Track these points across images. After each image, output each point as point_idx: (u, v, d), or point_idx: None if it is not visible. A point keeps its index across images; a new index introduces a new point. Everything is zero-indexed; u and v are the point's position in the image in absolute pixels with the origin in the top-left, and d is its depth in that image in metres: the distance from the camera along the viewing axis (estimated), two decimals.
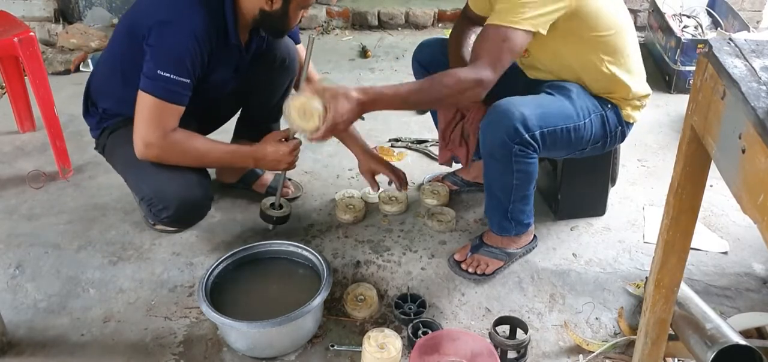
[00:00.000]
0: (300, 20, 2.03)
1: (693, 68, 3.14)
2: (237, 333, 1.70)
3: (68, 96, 3.20)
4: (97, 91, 2.14)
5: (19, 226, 2.29)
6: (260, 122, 2.32)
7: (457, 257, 2.07)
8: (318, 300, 1.71)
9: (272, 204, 2.20)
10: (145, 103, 1.89)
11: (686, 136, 1.21)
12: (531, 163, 1.87)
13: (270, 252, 1.97)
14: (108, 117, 2.13)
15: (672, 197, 1.28)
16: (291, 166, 2.08)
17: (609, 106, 1.97)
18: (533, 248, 2.12)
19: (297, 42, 2.27)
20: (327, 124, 1.64)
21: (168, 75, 1.85)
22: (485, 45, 1.76)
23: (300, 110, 1.65)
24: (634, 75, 1.96)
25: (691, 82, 3.13)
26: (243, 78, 2.15)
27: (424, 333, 1.73)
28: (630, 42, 1.95)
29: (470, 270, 2.02)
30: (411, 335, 1.74)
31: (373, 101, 1.68)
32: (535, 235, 2.13)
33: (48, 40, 3.95)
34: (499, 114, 1.81)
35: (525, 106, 1.80)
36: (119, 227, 2.27)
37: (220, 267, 1.87)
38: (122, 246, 2.18)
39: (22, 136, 2.93)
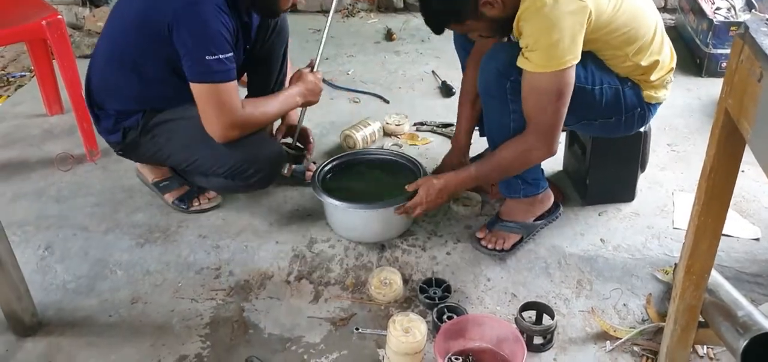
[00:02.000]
0: (292, 3, 2.06)
1: (726, 51, 3.10)
2: (343, 213, 2.04)
3: None
4: (105, 93, 2.10)
5: (48, 208, 2.32)
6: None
7: (478, 234, 2.07)
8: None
9: (289, 145, 2.33)
10: (204, 93, 1.90)
11: (720, 119, 1.18)
12: None
13: (372, 158, 2.32)
14: (125, 116, 2.10)
15: (704, 182, 1.25)
16: (318, 96, 2.23)
17: (629, 84, 1.93)
18: (553, 220, 2.11)
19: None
20: (415, 204, 1.98)
21: (215, 56, 1.86)
22: (532, 101, 1.77)
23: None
24: (659, 57, 1.91)
25: (723, 65, 3.11)
26: (247, 56, 2.18)
27: (449, 318, 1.72)
28: (652, 26, 1.89)
29: (489, 246, 2.02)
30: (436, 319, 1.73)
31: (449, 184, 1.98)
32: (556, 203, 2.11)
33: (75, 23, 3.98)
34: (496, 50, 1.83)
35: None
36: (146, 210, 2.29)
37: (329, 166, 2.22)
38: (149, 229, 2.19)
39: (50, 118, 2.96)
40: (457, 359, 1.62)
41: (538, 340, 1.69)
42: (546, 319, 1.73)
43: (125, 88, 2.05)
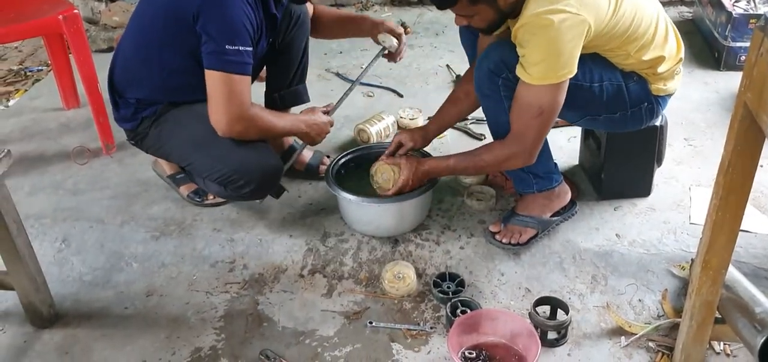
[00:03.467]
0: None
1: (745, 44, 3.06)
2: (356, 208, 2.06)
3: None
4: (127, 82, 2.09)
5: (65, 201, 2.34)
6: (283, 87, 2.35)
7: (492, 228, 2.07)
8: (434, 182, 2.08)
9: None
10: (218, 81, 1.88)
11: (738, 113, 1.17)
12: None
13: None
14: (144, 106, 2.09)
15: (722, 176, 1.24)
16: (322, 137, 2.23)
17: (634, 79, 1.90)
18: (570, 216, 2.10)
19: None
20: (397, 187, 1.99)
21: (235, 47, 1.86)
22: (523, 111, 1.78)
23: (381, 173, 2.03)
24: (663, 52, 1.88)
25: (742, 58, 3.07)
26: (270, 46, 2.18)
27: (463, 312, 1.72)
28: (652, 23, 1.85)
29: (504, 240, 2.01)
30: (449, 314, 1.73)
31: (431, 170, 2.01)
32: (573, 201, 2.11)
33: (91, 17, 4.01)
34: (488, 51, 1.83)
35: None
36: (161, 203, 2.31)
37: (343, 160, 2.23)
38: (164, 222, 2.21)
39: (67, 112, 2.99)
40: (470, 354, 1.62)
41: (552, 335, 1.69)
42: (560, 314, 1.72)
43: (148, 77, 2.05)
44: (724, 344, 1.65)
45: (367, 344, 1.71)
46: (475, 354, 1.62)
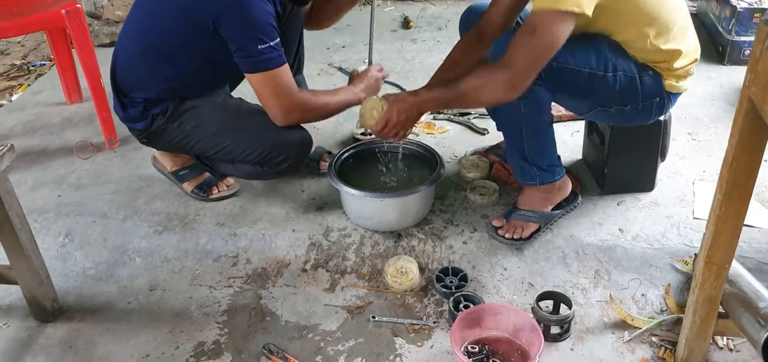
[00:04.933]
0: None
1: (749, 38, 3.05)
2: (359, 202, 2.05)
3: None
4: (133, 83, 2.09)
5: (68, 196, 2.34)
6: None
7: (495, 223, 2.06)
8: (435, 176, 2.09)
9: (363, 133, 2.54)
10: (262, 81, 1.95)
11: (743, 107, 1.17)
12: (536, 90, 1.79)
13: (388, 147, 2.28)
14: (153, 104, 2.09)
15: (726, 171, 1.24)
16: (379, 85, 2.30)
17: (650, 72, 1.88)
18: (572, 209, 2.09)
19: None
20: (383, 119, 1.88)
21: (266, 45, 1.89)
22: (514, 38, 1.69)
23: (370, 109, 1.92)
24: (681, 46, 1.86)
25: (746, 52, 3.06)
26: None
27: (466, 307, 1.72)
28: (675, 10, 1.84)
29: (507, 235, 2.01)
30: (452, 309, 1.73)
31: (424, 102, 1.88)
32: (574, 192, 2.10)
33: (94, 12, 4.02)
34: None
35: None
36: (164, 198, 2.31)
37: (345, 154, 2.23)
38: (167, 217, 2.21)
39: (70, 107, 3.00)
40: (473, 348, 1.62)
41: (555, 330, 1.68)
42: (563, 309, 1.72)
43: (158, 77, 2.05)
44: (727, 339, 1.65)
45: (370, 339, 1.71)
46: (477, 349, 1.62)
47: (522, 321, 1.63)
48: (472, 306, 1.71)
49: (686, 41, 1.88)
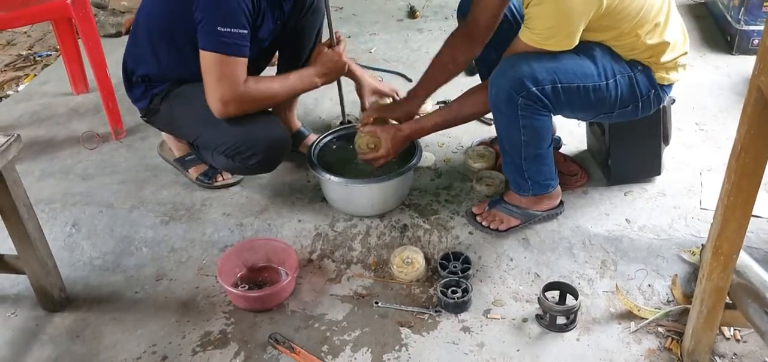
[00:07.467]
0: None
1: (758, 27, 3.03)
2: (340, 189, 2.08)
3: (120, 58, 3.22)
4: (138, 60, 2.12)
5: (75, 186, 2.35)
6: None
7: (474, 209, 2.07)
8: (412, 164, 2.09)
9: (341, 122, 2.52)
10: (210, 62, 1.89)
11: (752, 97, 1.16)
12: (539, 120, 1.82)
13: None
14: (154, 84, 2.12)
15: (734, 161, 1.23)
16: (344, 67, 2.21)
17: (639, 68, 1.87)
18: (558, 214, 2.07)
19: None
20: (380, 153, 2.03)
21: (227, 29, 1.86)
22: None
23: (365, 143, 2.06)
24: (667, 38, 1.84)
25: (755, 41, 3.04)
26: (280, 30, 2.16)
27: (454, 292, 1.76)
28: (664, 7, 1.83)
29: (484, 223, 2.01)
30: (441, 295, 1.76)
31: (414, 132, 2.05)
32: (561, 201, 2.07)
33: (100, 2, 4.01)
34: (507, 65, 1.79)
35: (536, 61, 1.76)
36: (170, 188, 2.31)
37: (324, 140, 2.24)
38: (173, 207, 2.21)
39: (76, 97, 3.00)
40: (243, 287, 1.86)
41: (561, 320, 1.68)
42: (569, 299, 1.72)
43: (157, 56, 2.07)
44: (734, 329, 1.65)
45: (376, 328, 1.72)
46: (247, 286, 1.86)
47: (274, 246, 1.92)
48: (460, 292, 1.77)
49: (670, 31, 1.86)
